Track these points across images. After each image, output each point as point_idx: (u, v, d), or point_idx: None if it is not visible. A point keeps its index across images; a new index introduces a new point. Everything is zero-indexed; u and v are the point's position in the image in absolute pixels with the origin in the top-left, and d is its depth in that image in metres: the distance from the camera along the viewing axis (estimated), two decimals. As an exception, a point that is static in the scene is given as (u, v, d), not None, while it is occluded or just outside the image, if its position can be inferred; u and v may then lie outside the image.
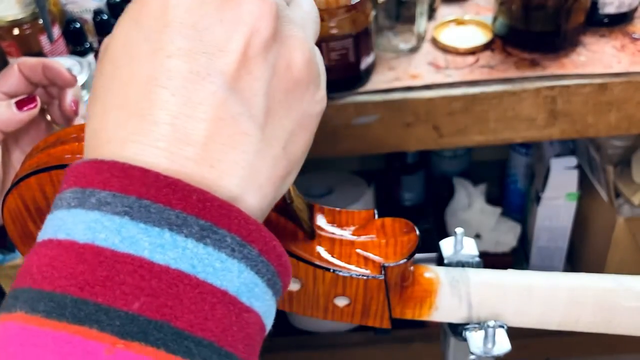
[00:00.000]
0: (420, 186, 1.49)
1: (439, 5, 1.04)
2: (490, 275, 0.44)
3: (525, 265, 1.43)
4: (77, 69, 0.79)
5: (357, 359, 1.39)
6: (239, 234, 0.24)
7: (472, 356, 0.43)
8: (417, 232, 0.42)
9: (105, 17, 0.95)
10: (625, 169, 1.16)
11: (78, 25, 0.94)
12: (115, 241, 0.22)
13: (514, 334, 0.42)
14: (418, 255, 0.41)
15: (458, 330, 0.44)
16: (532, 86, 0.86)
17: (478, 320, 0.43)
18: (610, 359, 1.40)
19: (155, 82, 0.23)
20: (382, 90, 0.88)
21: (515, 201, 1.43)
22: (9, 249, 0.50)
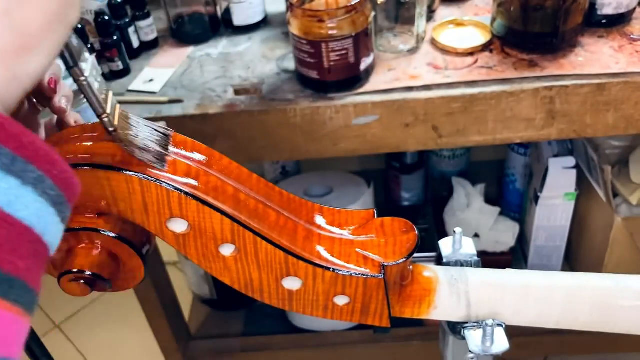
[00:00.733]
0: (419, 186, 1.50)
1: (438, 7, 1.04)
2: (488, 275, 0.44)
3: (523, 265, 1.43)
4: (78, 70, 0.79)
5: (357, 357, 1.39)
6: None
7: (471, 355, 0.43)
8: (416, 232, 0.42)
9: (106, 18, 0.96)
10: (623, 169, 1.17)
11: (80, 26, 0.94)
12: None
13: (512, 332, 0.43)
14: (417, 255, 0.41)
15: (457, 329, 0.45)
16: (531, 87, 0.86)
17: (477, 319, 0.43)
18: (608, 357, 1.41)
19: None
20: (382, 91, 0.88)
21: (513, 201, 1.43)
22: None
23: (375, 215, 0.44)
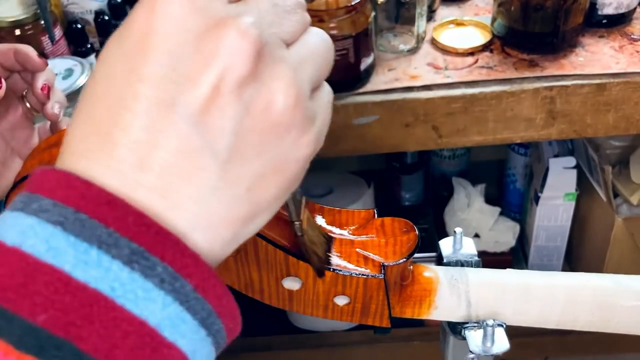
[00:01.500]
0: (419, 186, 1.49)
1: (438, 6, 1.04)
2: (489, 275, 0.44)
3: (523, 265, 1.43)
4: (79, 70, 0.79)
5: (357, 358, 1.39)
6: (173, 265, 0.23)
7: (472, 355, 0.43)
8: (417, 232, 0.42)
9: (106, 18, 0.96)
10: (624, 169, 1.17)
11: (79, 26, 0.94)
12: (41, 249, 0.21)
13: (512, 332, 0.43)
14: (417, 255, 0.41)
15: (457, 329, 0.45)
16: (531, 87, 0.86)
17: (477, 319, 0.43)
18: (609, 358, 1.41)
19: (122, 104, 0.23)
20: (382, 91, 0.88)
21: (514, 201, 1.43)
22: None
23: (376, 215, 0.44)
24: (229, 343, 0.27)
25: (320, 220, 0.43)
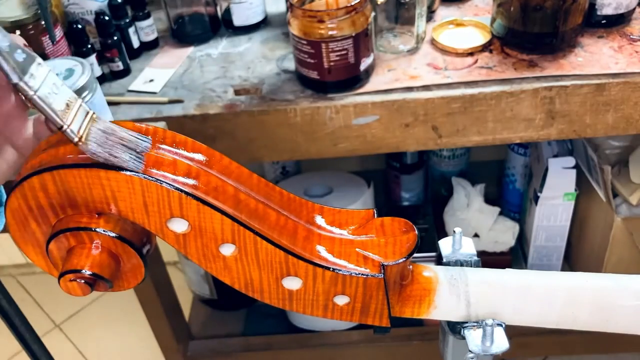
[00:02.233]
0: (419, 186, 1.50)
1: (438, 7, 1.04)
2: (488, 274, 0.44)
3: (523, 265, 1.43)
4: (79, 70, 0.79)
5: (357, 357, 1.39)
6: None
7: (471, 354, 0.43)
8: (416, 232, 0.42)
9: (107, 19, 0.96)
10: (623, 169, 1.17)
11: (80, 26, 0.94)
12: None
13: (512, 332, 0.43)
14: (417, 255, 0.41)
15: (457, 328, 0.45)
16: (530, 87, 0.86)
17: (476, 319, 0.44)
18: (608, 357, 1.41)
19: None
20: (382, 91, 0.88)
21: (513, 201, 1.43)
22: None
23: (375, 215, 0.44)
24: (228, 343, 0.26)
25: (320, 220, 0.43)
